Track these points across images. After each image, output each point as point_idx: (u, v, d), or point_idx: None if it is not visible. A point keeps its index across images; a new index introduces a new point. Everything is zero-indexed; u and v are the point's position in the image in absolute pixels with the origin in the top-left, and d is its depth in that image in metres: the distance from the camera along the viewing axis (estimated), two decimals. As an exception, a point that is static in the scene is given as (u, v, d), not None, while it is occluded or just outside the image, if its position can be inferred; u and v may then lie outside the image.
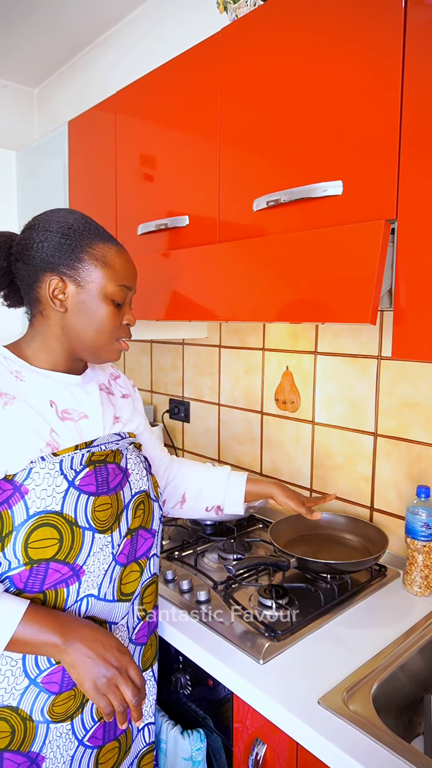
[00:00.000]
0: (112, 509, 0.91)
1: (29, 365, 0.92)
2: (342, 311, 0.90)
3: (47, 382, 0.92)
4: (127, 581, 0.95)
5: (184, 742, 1.05)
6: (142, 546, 0.98)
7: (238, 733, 0.99)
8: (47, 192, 1.85)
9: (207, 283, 1.17)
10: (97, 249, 0.89)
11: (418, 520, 1.19)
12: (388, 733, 0.81)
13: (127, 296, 0.93)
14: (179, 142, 1.29)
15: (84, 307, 0.89)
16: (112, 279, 0.89)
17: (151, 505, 1.01)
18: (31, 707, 0.86)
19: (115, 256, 0.90)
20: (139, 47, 1.95)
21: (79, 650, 0.80)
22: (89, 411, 0.95)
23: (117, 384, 1.09)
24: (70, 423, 0.91)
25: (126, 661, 0.82)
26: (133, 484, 0.97)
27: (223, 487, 1.20)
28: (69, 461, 0.87)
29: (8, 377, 0.88)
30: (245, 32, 1.11)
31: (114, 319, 0.90)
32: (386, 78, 0.88)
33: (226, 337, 1.79)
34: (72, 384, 0.95)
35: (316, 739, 0.81)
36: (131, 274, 0.93)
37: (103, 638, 0.82)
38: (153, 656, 1.05)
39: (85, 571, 0.87)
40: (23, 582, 0.84)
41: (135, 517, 0.96)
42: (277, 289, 1.02)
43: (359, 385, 1.42)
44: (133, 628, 0.99)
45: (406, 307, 0.89)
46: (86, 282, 0.88)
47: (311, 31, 0.98)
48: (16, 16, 2.00)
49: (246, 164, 1.13)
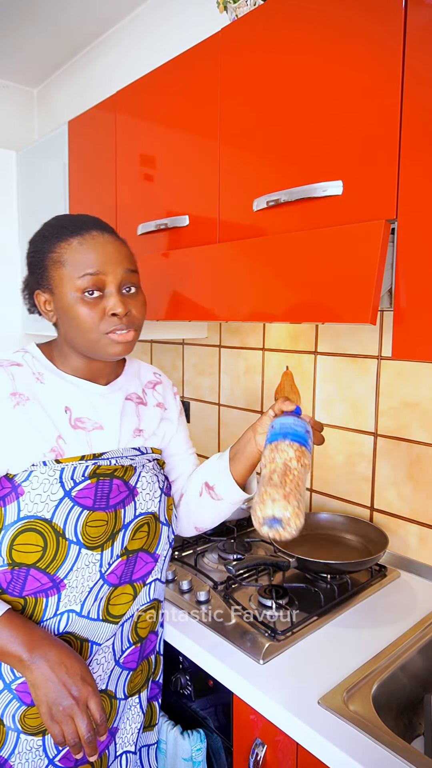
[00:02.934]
0: (107, 527, 0.88)
1: (55, 368, 0.91)
2: (342, 311, 0.90)
3: (67, 388, 0.90)
4: (117, 603, 0.92)
5: (184, 743, 1.05)
6: (141, 569, 0.95)
7: (238, 734, 0.99)
8: (47, 192, 1.85)
9: (207, 283, 1.17)
10: (56, 250, 0.87)
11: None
12: (388, 733, 0.81)
13: (100, 283, 0.85)
14: (179, 142, 1.29)
15: (63, 312, 0.87)
16: (71, 274, 0.85)
17: (158, 529, 0.96)
18: (3, 711, 0.85)
19: (74, 250, 0.85)
20: (139, 47, 1.95)
21: (41, 670, 0.77)
22: (105, 422, 0.92)
23: (154, 392, 1.04)
24: (82, 432, 0.89)
25: (88, 692, 0.78)
26: (140, 504, 0.93)
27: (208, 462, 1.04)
28: (71, 471, 0.85)
29: (29, 378, 0.88)
30: (245, 32, 1.11)
31: (91, 314, 0.85)
32: (386, 78, 0.88)
33: (226, 337, 1.79)
34: (94, 393, 0.92)
35: (316, 739, 0.81)
36: (96, 260, 0.84)
37: (70, 663, 0.78)
38: (143, 682, 1.01)
39: (66, 585, 0.85)
40: (6, 583, 0.84)
41: (134, 539, 0.92)
42: (277, 289, 1.02)
43: (359, 385, 1.42)
44: (122, 651, 0.96)
45: (406, 307, 0.89)
46: (55, 288, 0.87)
47: (311, 30, 0.98)
48: (16, 17, 1.99)
49: (246, 164, 1.13)
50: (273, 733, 0.91)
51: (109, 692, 0.95)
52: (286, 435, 0.83)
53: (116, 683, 0.96)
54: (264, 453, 0.84)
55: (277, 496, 0.74)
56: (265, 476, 0.79)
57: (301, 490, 0.77)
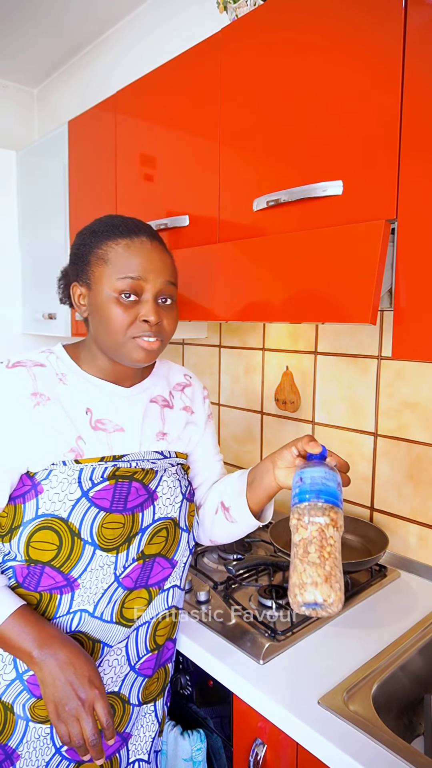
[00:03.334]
0: (124, 529, 0.88)
1: (79, 369, 0.92)
2: (342, 311, 0.90)
3: (90, 389, 0.91)
4: (131, 606, 0.91)
5: (184, 743, 1.04)
6: (157, 574, 0.94)
7: (238, 734, 0.99)
8: (47, 192, 1.85)
9: (207, 283, 1.17)
10: (102, 247, 0.87)
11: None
12: (388, 733, 0.81)
13: (138, 288, 0.85)
14: (179, 142, 1.29)
15: (96, 309, 0.88)
16: (112, 274, 0.85)
17: (177, 534, 0.95)
18: (14, 700, 0.86)
19: (121, 250, 0.86)
20: (139, 47, 1.95)
21: (50, 669, 0.77)
22: (127, 425, 0.92)
23: (183, 395, 1.04)
24: (102, 434, 0.89)
25: (95, 695, 0.77)
26: (159, 508, 0.92)
27: (226, 480, 1.04)
28: (89, 471, 0.85)
29: (51, 378, 0.88)
30: (245, 32, 1.11)
31: (123, 316, 0.85)
32: (386, 78, 0.88)
33: (226, 337, 1.79)
34: (117, 394, 0.93)
35: (316, 739, 0.81)
36: (138, 264, 0.85)
37: (79, 664, 0.79)
38: (159, 690, 1.00)
39: (80, 585, 0.85)
40: (22, 577, 0.85)
41: (152, 543, 0.92)
42: (277, 288, 1.02)
43: (359, 385, 1.42)
44: (139, 658, 0.95)
45: (406, 307, 0.89)
46: (93, 283, 0.88)
47: (311, 30, 0.98)
48: (16, 17, 2.00)
49: (246, 164, 1.13)
50: (273, 733, 0.91)
51: (122, 696, 0.94)
52: (318, 494, 0.74)
53: (130, 688, 0.95)
54: (293, 515, 0.76)
55: (318, 579, 0.69)
56: (299, 547, 0.73)
57: (339, 563, 0.72)
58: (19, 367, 0.87)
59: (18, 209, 2.03)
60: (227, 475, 1.08)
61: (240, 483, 0.98)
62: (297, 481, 0.79)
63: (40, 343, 2.02)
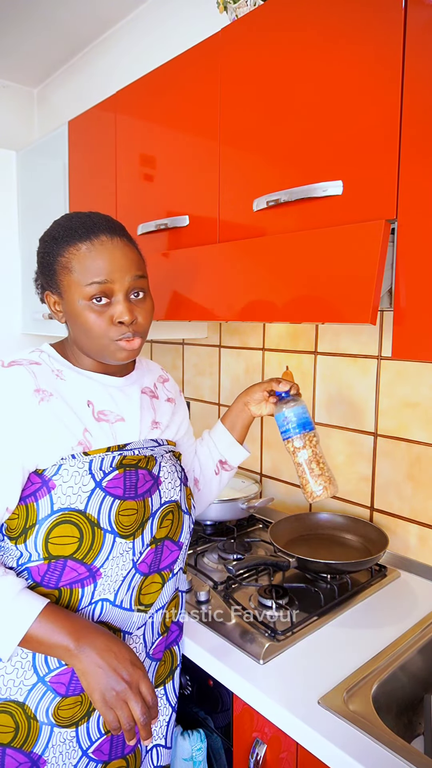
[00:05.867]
0: (138, 515, 0.89)
1: (71, 365, 0.93)
2: (342, 311, 0.90)
3: (87, 383, 0.92)
4: (147, 592, 0.93)
5: (184, 743, 1.04)
6: (167, 558, 0.96)
7: (238, 734, 0.99)
8: (47, 192, 1.85)
9: (207, 283, 1.17)
10: (65, 255, 0.87)
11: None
12: (388, 733, 0.81)
13: (108, 291, 0.85)
14: (179, 142, 1.29)
15: (72, 316, 0.88)
16: (79, 282, 0.85)
17: (180, 517, 0.98)
18: (36, 706, 0.86)
19: (82, 256, 0.85)
20: (139, 47, 1.95)
21: (91, 658, 0.78)
22: (126, 414, 0.94)
23: (164, 387, 1.08)
24: (105, 424, 0.90)
25: (139, 676, 0.78)
26: (164, 492, 0.95)
27: (210, 442, 1.16)
28: (99, 462, 0.86)
29: (49, 375, 0.89)
30: (245, 32, 1.11)
31: (98, 321, 0.86)
32: (386, 78, 0.88)
33: (226, 337, 1.79)
34: (112, 386, 0.94)
35: (316, 739, 0.81)
36: (103, 268, 0.84)
37: (117, 649, 0.79)
38: (167, 673, 1.02)
39: (102, 574, 0.86)
40: (41, 575, 0.84)
41: (161, 527, 0.94)
42: (277, 288, 1.02)
43: (359, 385, 1.42)
44: (152, 643, 0.97)
45: (406, 307, 0.89)
46: (64, 292, 0.88)
47: (311, 30, 0.98)
48: (16, 16, 1.99)
49: (246, 164, 1.13)
50: (273, 733, 0.91)
51: None
52: (304, 426, 1.06)
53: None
54: (290, 444, 1.06)
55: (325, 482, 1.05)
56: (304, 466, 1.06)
57: (326, 460, 1.08)
58: (16, 365, 0.87)
59: (18, 209, 2.03)
60: (198, 443, 1.20)
61: (225, 435, 1.15)
62: (283, 419, 1.08)
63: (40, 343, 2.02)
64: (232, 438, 1.14)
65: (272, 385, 1.09)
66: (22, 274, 2.03)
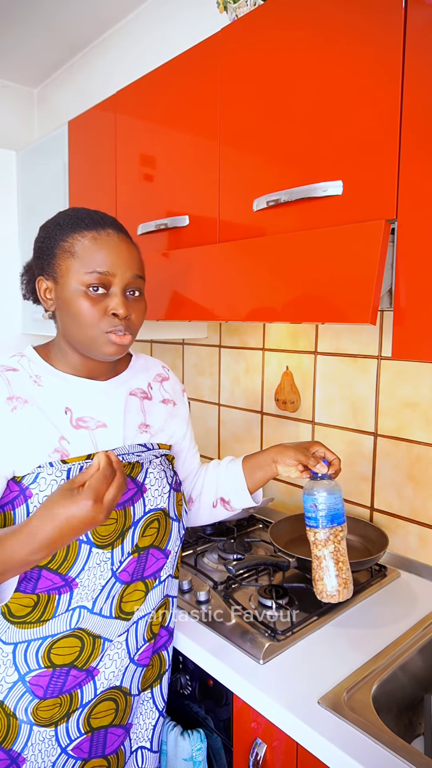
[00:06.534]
0: (117, 525, 0.88)
1: (53, 369, 0.91)
2: (342, 311, 0.90)
3: (66, 388, 0.90)
4: (129, 600, 0.92)
5: (184, 743, 1.04)
6: (152, 566, 0.94)
7: (238, 733, 0.99)
8: (47, 192, 1.85)
9: (207, 283, 1.17)
10: (68, 240, 0.86)
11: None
12: (388, 733, 0.81)
13: (107, 282, 0.85)
14: (179, 142, 1.29)
15: (64, 303, 0.86)
16: (80, 267, 0.84)
17: (168, 525, 0.96)
18: (15, 705, 0.86)
19: (88, 244, 0.84)
20: (139, 47, 1.95)
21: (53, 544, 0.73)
22: (108, 420, 0.91)
23: (161, 387, 1.04)
24: (85, 432, 0.88)
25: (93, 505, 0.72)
26: (149, 500, 0.92)
27: (221, 475, 1.10)
28: (77, 470, 0.84)
29: (26, 381, 0.87)
30: (245, 32, 1.11)
31: (92, 310, 0.84)
32: (386, 78, 0.88)
33: (226, 337, 1.79)
34: (94, 390, 0.92)
35: (316, 739, 0.81)
36: (107, 260, 0.84)
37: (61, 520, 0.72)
38: (155, 677, 1.01)
39: (78, 584, 0.85)
40: (18, 581, 0.84)
41: (145, 536, 0.92)
42: (277, 288, 1.02)
43: (359, 385, 1.42)
44: (137, 649, 0.96)
45: (406, 307, 0.89)
46: (60, 277, 0.86)
47: (311, 30, 0.98)
48: (16, 16, 1.99)
49: (246, 164, 1.13)
50: (273, 733, 0.91)
51: (123, 689, 0.95)
52: (332, 520, 0.97)
53: (131, 680, 0.96)
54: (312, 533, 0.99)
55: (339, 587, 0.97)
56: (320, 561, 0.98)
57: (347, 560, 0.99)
58: None
59: (18, 209, 2.03)
60: (210, 465, 1.14)
61: (238, 479, 1.07)
62: (311, 505, 0.97)
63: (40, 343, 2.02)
64: (244, 483, 1.06)
65: (309, 462, 0.98)
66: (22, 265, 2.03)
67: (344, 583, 0.97)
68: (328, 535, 0.97)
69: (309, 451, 1.01)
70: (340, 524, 0.97)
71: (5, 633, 0.85)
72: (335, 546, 0.97)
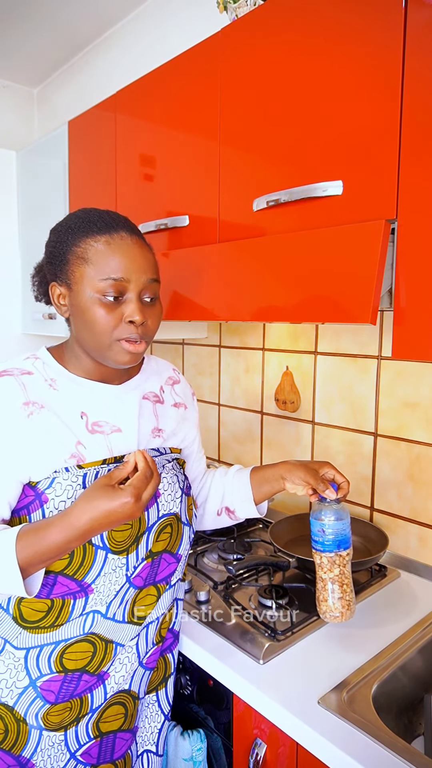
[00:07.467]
0: (132, 530, 0.87)
1: (67, 372, 0.89)
2: (342, 311, 0.90)
3: (81, 392, 0.88)
4: (142, 604, 0.91)
5: (184, 743, 1.04)
6: (164, 570, 0.94)
7: (238, 734, 0.99)
8: (47, 192, 1.85)
9: (207, 283, 1.17)
10: (81, 245, 0.84)
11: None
12: (388, 733, 0.81)
13: (122, 288, 0.83)
14: (179, 142, 1.29)
15: (79, 310, 0.85)
16: (94, 274, 0.82)
17: (180, 529, 0.95)
18: (26, 710, 0.85)
19: (101, 248, 0.82)
20: (139, 47, 1.95)
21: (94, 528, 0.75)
22: (123, 424, 0.90)
23: (173, 391, 1.03)
24: (100, 436, 0.87)
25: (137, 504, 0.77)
26: (162, 505, 0.92)
27: (228, 484, 1.10)
28: (93, 475, 0.84)
29: (41, 385, 0.86)
30: (245, 32, 1.11)
31: (106, 318, 0.82)
32: (386, 78, 0.88)
33: (226, 337, 1.79)
34: (108, 395, 0.91)
35: (316, 739, 0.81)
36: (121, 265, 0.82)
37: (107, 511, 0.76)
38: (160, 679, 1.01)
39: (94, 590, 0.85)
40: None
41: (158, 540, 0.91)
42: (277, 289, 1.02)
43: (359, 385, 1.42)
44: (146, 653, 0.96)
45: (406, 307, 0.89)
46: (74, 284, 0.84)
47: (311, 30, 0.98)
48: (16, 17, 1.99)
49: (246, 164, 1.13)
50: (273, 733, 0.91)
51: (132, 693, 0.95)
52: (339, 545, 0.98)
53: (139, 684, 0.96)
54: (318, 556, 0.99)
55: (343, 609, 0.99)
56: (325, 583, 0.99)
57: (351, 582, 1.00)
58: (5, 376, 0.84)
59: (18, 209, 2.03)
60: (217, 473, 1.14)
61: (245, 490, 1.08)
62: (319, 529, 0.98)
63: (40, 343, 2.02)
64: (251, 495, 1.07)
65: (319, 487, 0.97)
66: (22, 274, 2.03)
67: (347, 605, 0.99)
68: (334, 559, 0.98)
69: (318, 473, 1.00)
70: (346, 549, 0.98)
71: (17, 638, 0.84)
72: (340, 570, 0.98)
